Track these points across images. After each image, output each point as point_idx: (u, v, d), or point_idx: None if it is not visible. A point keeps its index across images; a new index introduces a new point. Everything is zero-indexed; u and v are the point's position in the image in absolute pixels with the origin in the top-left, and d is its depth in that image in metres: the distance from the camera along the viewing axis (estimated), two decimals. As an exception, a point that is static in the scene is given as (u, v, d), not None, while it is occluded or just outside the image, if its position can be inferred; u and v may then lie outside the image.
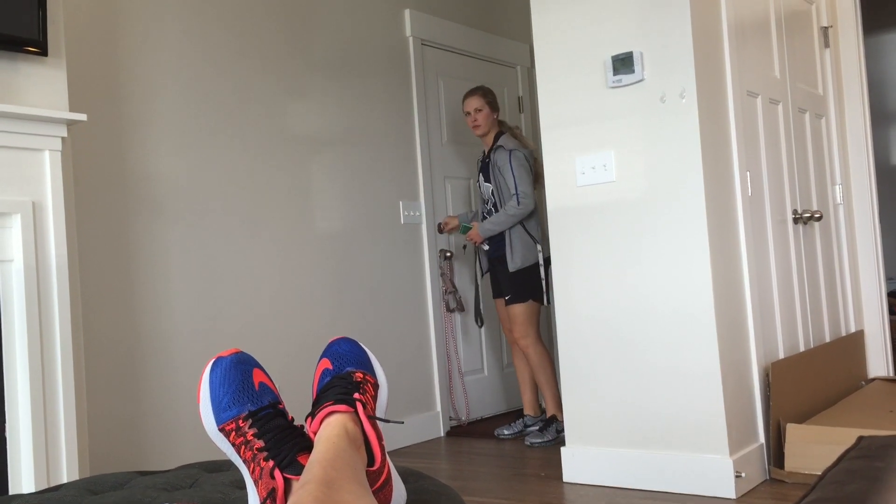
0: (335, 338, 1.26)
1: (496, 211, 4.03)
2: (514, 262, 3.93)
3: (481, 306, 4.38)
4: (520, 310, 3.96)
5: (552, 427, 3.94)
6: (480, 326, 4.43)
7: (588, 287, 3.15)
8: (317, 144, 3.88)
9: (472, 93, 4.17)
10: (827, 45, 4.06)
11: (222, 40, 3.49)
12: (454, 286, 4.48)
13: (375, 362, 1.24)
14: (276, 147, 3.67)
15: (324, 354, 1.23)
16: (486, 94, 4.15)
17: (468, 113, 4.14)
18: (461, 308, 4.51)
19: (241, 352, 1.17)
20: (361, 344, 1.26)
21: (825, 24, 4.05)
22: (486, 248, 4.10)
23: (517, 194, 3.90)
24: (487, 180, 4.09)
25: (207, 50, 3.43)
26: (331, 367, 1.20)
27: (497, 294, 4.16)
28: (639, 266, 3.03)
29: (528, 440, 3.91)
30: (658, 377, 2.98)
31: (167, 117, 3.26)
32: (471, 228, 4.08)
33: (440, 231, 4.31)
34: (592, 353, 3.14)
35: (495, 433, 4.13)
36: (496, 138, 4.10)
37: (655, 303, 2.99)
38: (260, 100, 3.62)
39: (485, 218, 4.11)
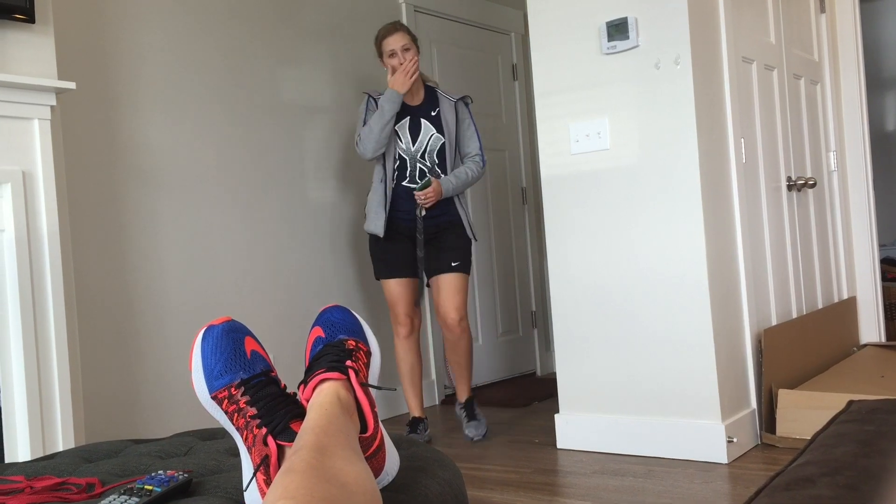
0: (327, 306, 1.26)
1: (440, 170, 3.44)
2: (470, 229, 3.50)
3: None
4: (466, 281, 3.46)
5: (475, 411, 3.52)
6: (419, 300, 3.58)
7: (582, 255, 3.15)
8: (309, 112, 3.85)
9: (392, 29, 3.45)
10: (823, 10, 4.03)
11: (212, 6, 3.45)
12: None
13: (368, 330, 1.24)
14: (267, 114, 3.64)
15: (316, 322, 1.23)
16: (408, 30, 3.51)
17: (392, 53, 3.42)
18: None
19: (233, 320, 1.17)
20: (354, 312, 1.26)
21: (821, -11, 4.02)
22: (423, 213, 3.40)
23: (482, 155, 3.50)
24: (440, 131, 3.45)
25: (197, 16, 3.39)
26: (323, 335, 1.20)
27: (409, 271, 3.47)
28: (633, 233, 3.03)
29: (474, 434, 3.43)
30: (651, 344, 3.00)
31: (157, 85, 3.23)
32: (430, 184, 3.33)
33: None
34: (586, 320, 3.15)
35: (466, 437, 3.46)
36: (427, 87, 3.55)
37: (649, 270, 2.99)
38: (251, 67, 3.59)
39: (419, 176, 3.45)
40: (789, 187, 3.55)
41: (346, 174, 4.01)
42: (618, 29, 3.00)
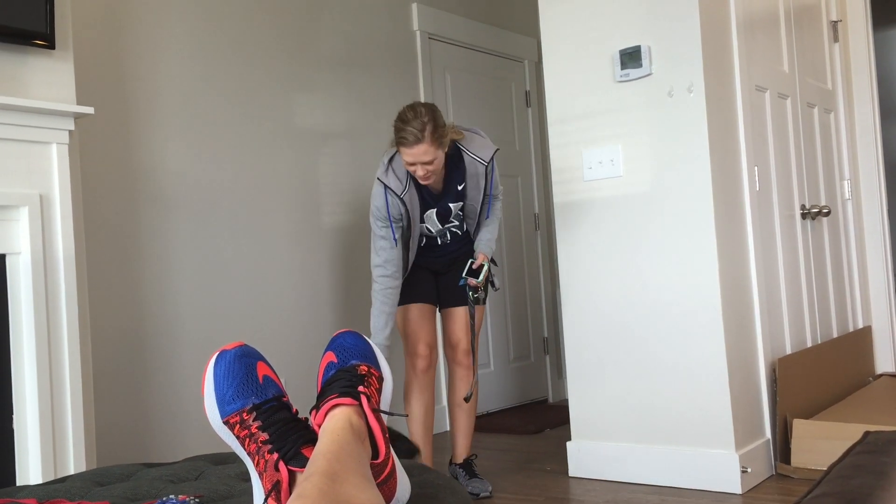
0: (340, 331, 1.26)
1: (461, 232, 3.12)
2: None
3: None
4: (483, 314, 3.15)
5: (475, 470, 3.14)
6: (496, 289, 3.15)
7: (594, 281, 3.14)
8: (324, 138, 3.88)
9: (415, 139, 2.79)
10: (836, 39, 4.04)
11: (229, 33, 3.49)
12: (461, 280, 4.47)
13: (380, 355, 1.24)
14: (283, 140, 3.67)
15: (329, 347, 1.23)
16: (434, 132, 2.80)
17: (412, 165, 2.85)
18: (467, 302, 4.50)
19: (245, 345, 1.17)
20: (366, 337, 1.26)
21: (834, 19, 4.03)
22: (479, 295, 3.04)
23: (498, 193, 3.13)
24: (459, 199, 3.04)
25: (214, 43, 3.43)
26: (335, 360, 1.20)
27: (430, 296, 3.11)
28: (646, 261, 3.02)
29: (481, 489, 3.00)
30: (664, 372, 2.98)
31: (174, 110, 3.26)
32: (483, 270, 2.98)
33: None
34: (599, 347, 3.13)
35: (472, 493, 3.01)
36: (454, 149, 2.98)
37: (662, 297, 2.98)
38: (267, 93, 3.62)
39: (445, 243, 3.12)
40: (803, 215, 3.54)
41: (360, 199, 4.03)
42: (631, 57, 3.02)
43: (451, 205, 3.04)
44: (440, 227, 3.07)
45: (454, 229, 3.11)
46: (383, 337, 2.93)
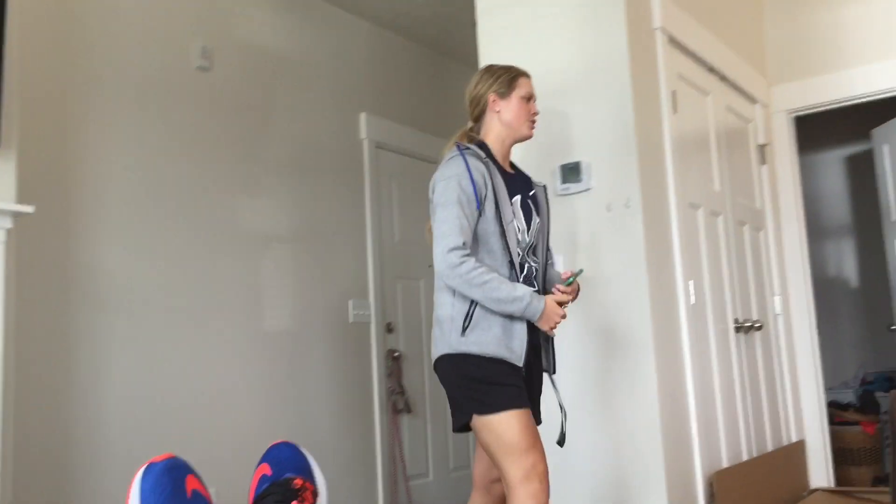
0: (276, 441, 1.24)
1: (538, 278, 2.43)
2: None
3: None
4: None
5: None
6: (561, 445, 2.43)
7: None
8: (268, 241, 3.88)
9: (527, 73, 2.50)
10: (763, 161, 4.25)
11: (176, 136, 3.52)
12: (402, 387, 4.44)
13: (316, 468, 1.22)
14: (226, 242, 3.66)
15: (263, 459, 1.21)
16: None
17: (533, 97, 2.49)
18: (408, 409, 4.45)
19: (176, 457, 1.15)
20: (303, 449, 1.24)
21: (761, 142, 4.25)
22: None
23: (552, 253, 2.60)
24: (534, 204, 2.46)
25: (160, 145, 3.45)
26: (269, 473, 1.18)
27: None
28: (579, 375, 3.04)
29: None
30: (603, 487, 2.95)
31: (115, 211, 3.24)
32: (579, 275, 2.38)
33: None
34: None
35: None
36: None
37: (600, 412, 2.99)
38: (212, 195, 3.63)
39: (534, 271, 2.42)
40: (737, 329, 3.62)
41: (303, 304, 4.01)
42: (571, 172, 3.12)
43: (528, 200, 2.41)
44: (527, 236, 2.37)
45: (534, 265, 2.40)
46: (530, 290, 2.23)
